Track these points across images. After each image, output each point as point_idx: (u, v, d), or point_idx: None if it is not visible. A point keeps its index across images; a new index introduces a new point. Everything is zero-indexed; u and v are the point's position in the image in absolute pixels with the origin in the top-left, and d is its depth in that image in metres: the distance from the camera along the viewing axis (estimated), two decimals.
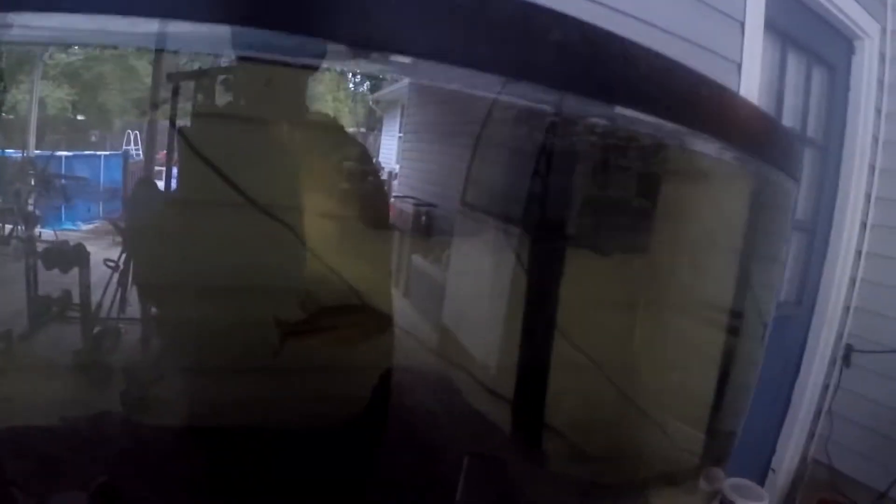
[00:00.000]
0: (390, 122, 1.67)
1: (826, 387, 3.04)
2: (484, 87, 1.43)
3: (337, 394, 1.39)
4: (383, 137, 1.67)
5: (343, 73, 1.64)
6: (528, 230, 1.55)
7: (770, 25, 2.33)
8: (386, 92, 1.68)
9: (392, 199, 1.64)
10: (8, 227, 1.40)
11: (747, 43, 2.24)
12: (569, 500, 1.46)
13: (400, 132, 1.67)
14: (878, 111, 2.82)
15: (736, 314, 1.67)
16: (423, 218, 1.62)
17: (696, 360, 1.65)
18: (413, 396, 1.62)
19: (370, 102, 1.68)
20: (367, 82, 1.66)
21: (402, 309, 1.64)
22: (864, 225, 2.91)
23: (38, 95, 1.49)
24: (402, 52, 0.77)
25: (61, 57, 1.52)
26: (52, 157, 1.45)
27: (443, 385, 1.63)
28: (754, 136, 1.37)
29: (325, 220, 1.41)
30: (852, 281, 2.96)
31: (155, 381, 1.38)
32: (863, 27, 2.65)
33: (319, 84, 1.61)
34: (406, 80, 1.62)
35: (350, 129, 1.66)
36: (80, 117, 1.54)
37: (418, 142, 1.66)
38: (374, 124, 1.67)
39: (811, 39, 2.67)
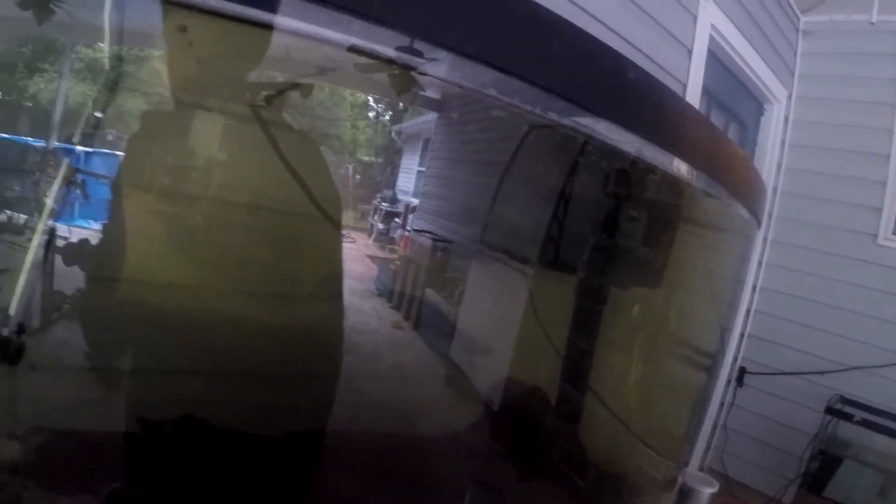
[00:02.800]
0: (411, 155, 1.69)
1: (722, 404, 3.45)
2: (511, 126, 1.52)
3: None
4: (403, 170, 1.69)
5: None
6: (545, 269, 1.65)
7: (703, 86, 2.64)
8: (409, 124, 1.70)
9: (407, 232, 1.67)
10: (23, 217, 1.33)
11: (688, 101, 2.52)
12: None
13: (421, 166, 1.72)
14: (779, 165, 3.28)
15: (712, 355, 1.89)
16: (439, 253, 1.66)
17: (683, 390, 1.84)
18: (420, 425, 1.66)
19: (391, 133, 1.69)
20: (390, 112, 1.67)
21: (411, 340, 1.68)
22: (759, 263, 3.36)
23: (63, 87, 1.43)
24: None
25: (87, 52, 1.46)
26: (73, 150, 1.36)
27: (450, 415, 1.68)
28: (749, 188, 1.56)
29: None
30: (747, 312, 3.40)
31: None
32: (773, 92, 3.06)
33: (339, 107, 1.61)
34: (431, 115, 1.66)
35: (367, 158, 1.67)
36: (98, 114, 1.49)
37: (439, 177, 1.71)
38: (392, 155, 1.68)
39: (730, 100, 3.03)
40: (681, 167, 1.29)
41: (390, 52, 1.02)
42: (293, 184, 1.33)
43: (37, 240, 1.34)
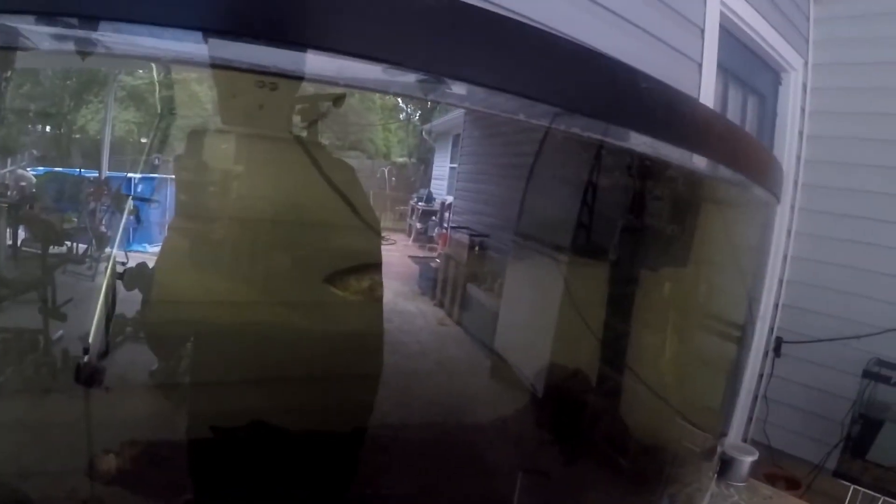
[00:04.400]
0: (443, 153, 1.73)
1: (761, 376, 3.46)
2: (535, 118, 1.57)
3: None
4: (436, 168, 1.73)
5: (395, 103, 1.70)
6: (578, 255, 1.69)
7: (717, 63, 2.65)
8: (438, 122, 1.75)
9: (444, 230, 1.72)
10: (82, 246, 1.43)
11: (704, 80, 2.53)
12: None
13: (453, 163, 1.75)
14: (801, 134, 3.27)
15: (742, 326, 1.93)
16: (477, 248, 1.71)
17: (717, 362, 1.88)
18: (468, 415, 1.71)
19: (422, 133, 1.73)
20: (419, 112, 1.72)
21: (456, 335, 1.74)
22: (788, 232, 3.35)
23: (110, 116, 1.50)
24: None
25: (128, 80, 1.51)
26: (125, 178, 1.47)
27: (497, 404, 1.73)
28: (761, 166, 1.61)
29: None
30: (780, 282, 3.40)
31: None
32: (789, 61, 3.06)
33: (370, 112, 1.66)
34: (460, 111, 1.71)
35: (400, 159, 1.72)
36: (143, 140, 1.54)
37: (472, 173, 1.75)
38: (425, 155, 1.73)
39: (746, 73, 3.04)
40: (696, 157, 1.36)
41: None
42: (327, 200, 1.40)
43: (102, 267, 1.42)
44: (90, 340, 1.31)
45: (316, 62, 1.19)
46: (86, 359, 1.30)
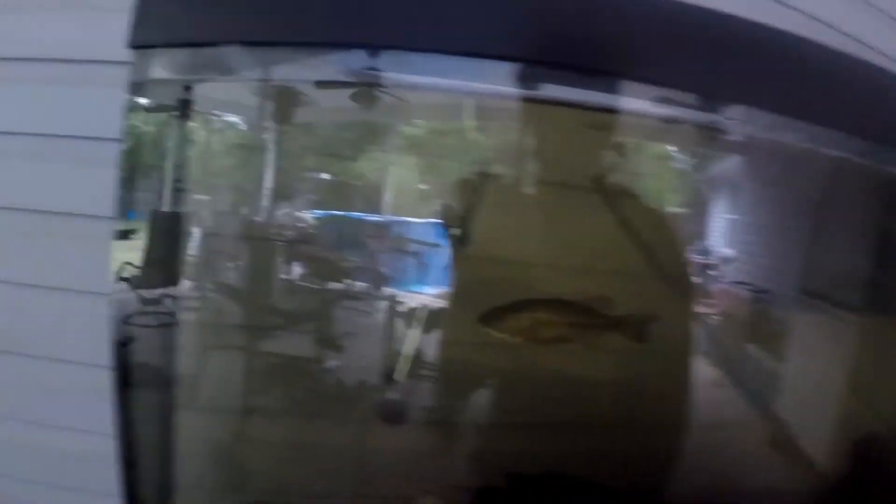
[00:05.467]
0: (720, 202, 1.62)
1: None
2: (818, 162, 1.47)
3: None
4: (712, 218, 1.62)
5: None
6: (872, 315, 1.55)
7: None
8: (714, 170, 1.64)
9: (722, 284, 1.61)
10: (360, 284, 1.51)
11: None
12: None
13: (731, 213, 1.64)
14: None
15: None
16: (758, 305, 1.58)
17: None
18: (744, 485, 1.58)
19: (697, 181, 1.63)
20: (695, 159, 1.61)
21: (732, 398, 1.60)
22: None
23: (389, 165, 1.55)
24: None
25: (405, 129, 1.54)
26: (405, 222, 1.52)
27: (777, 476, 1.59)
28: None
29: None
30: None
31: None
32: None
33: (642, 161, 1.58)
34: (736, 157, 1.61)
35: (673, 208, 1.62)
36: (423, 186, 1.57)
37: (752, 223, 1.63)
38: (700, 204, 1.62)
39: None
40: None
41: None
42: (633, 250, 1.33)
43: (379, 305, 1.48)
44: (395, 377, 1.35)
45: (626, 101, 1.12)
46: (390, 395, 1.38)
